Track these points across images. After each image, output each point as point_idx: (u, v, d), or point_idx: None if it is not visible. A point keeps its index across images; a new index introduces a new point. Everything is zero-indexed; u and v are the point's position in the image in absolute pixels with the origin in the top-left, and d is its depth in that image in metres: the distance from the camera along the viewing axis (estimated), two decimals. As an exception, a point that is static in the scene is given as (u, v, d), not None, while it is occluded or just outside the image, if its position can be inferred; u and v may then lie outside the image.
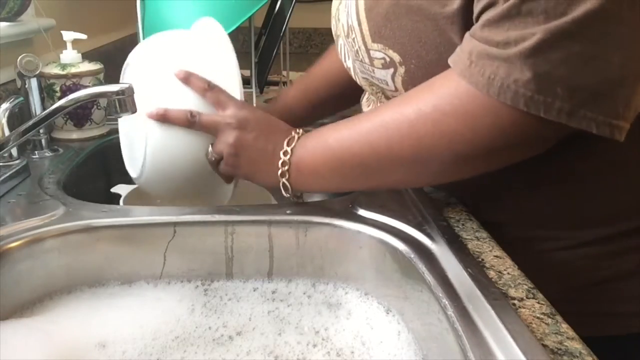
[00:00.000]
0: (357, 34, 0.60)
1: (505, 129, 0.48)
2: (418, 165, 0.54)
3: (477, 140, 0.50)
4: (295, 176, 0.60)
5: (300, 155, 0.59)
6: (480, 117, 0.48)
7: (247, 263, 0.63)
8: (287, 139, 0.60)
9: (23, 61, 0.81)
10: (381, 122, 0.54)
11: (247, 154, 0.61)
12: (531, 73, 0.44)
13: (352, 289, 0.62)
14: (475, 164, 0.53)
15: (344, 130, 0.58)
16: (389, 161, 0.54)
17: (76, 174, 0.82)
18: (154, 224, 0.62)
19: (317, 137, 0.60)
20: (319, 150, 0.59)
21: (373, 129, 0.55)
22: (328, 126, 0.61)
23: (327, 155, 0.58)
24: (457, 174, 0.56)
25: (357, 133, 0.56)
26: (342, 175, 0.58)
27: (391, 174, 0.56)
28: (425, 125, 0.51)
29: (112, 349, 0.53)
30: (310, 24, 2.05)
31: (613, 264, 0.61)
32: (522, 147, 0.52)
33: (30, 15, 1.02)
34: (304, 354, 0.54)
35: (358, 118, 0.59)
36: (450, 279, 0.49)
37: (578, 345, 0.41)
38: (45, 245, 0.59)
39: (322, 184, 0.61)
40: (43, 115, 0.66)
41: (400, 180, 0.59)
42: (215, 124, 0.61)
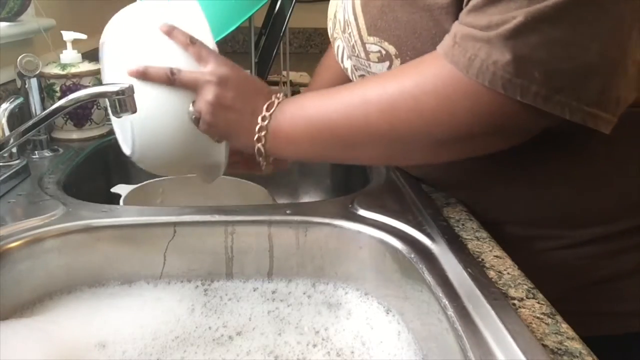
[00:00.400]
0: (354, 28, 0.60)
1: (483, 113, 0.48)
2: (394, 143, 0.54)
3: (455, 124, 0.50)
4: (271, 142, 0.59)
5: (278, 121, 0.58)
6: (460, 100, 0.49)
7: (247, 263, 0.63)
8: (267, 104, 0.59)
9: (23, 61, 0.81)
10: (362, 95, 0.54)
11: (225, 114, 0.59)
12: (511, 55, 0.45)
13: (352, 289, 0.62)
14: (452, 148, 0.53)
15: (324, 100, 0.57)
16: (366, 135, 0.54)
17: (76, 174, 0.81)
18: (154, 224, 0.62)
19: (297, 104, 0.59)
20: (297, 118, 0.58)
21: (353, 101, 0.54)
22: (309, 94, 0.61)
23: (304, 124, 0.57)
24: (434, 156, 0.56)
25: (337, 103, 0.56)
26: (318, 145, 0.58)
27: (367, 149, 0.56)
28: (406, 102, 0.51)
29: (112, 349, 0.53)
30: (310, 24, 2.05)
31: (612, 263, 0.61)
32: (500, 134, 0.52)
33: (30, 15, 1.02)
34: (304, 354, 0.54)
35: (340, 88, 0.58)
36: (450, 279, 0.49)
37: (578, 345, 0.41)
38: (45, 245, 0.59)
39: (298, 152, 0.60)
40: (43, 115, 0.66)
41: (376, 157, 0.59)
42: (195, 80, 0.59)
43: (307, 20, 1.95)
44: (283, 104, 0.59)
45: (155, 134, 0.62)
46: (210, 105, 0.58)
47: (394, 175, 0.73)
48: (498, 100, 0.47)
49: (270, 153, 0.60)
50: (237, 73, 0.60)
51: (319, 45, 2.12)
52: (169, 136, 0.62)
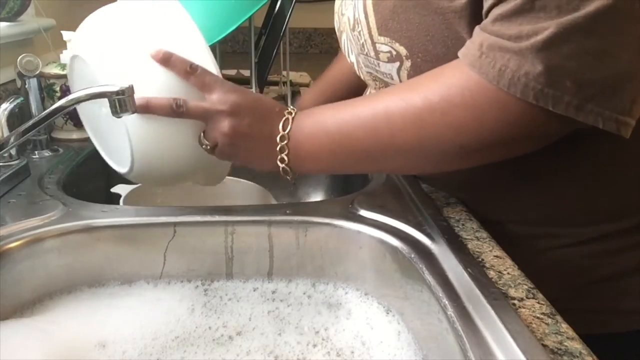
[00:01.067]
0: (364, 27, 0.60)
1: (512, 122, 0.48)
2: (420, 155, 0.54)
3: (483, 133, 0.50)
4: (294, 160, 0.58)
5: (298, 139, 0.57)
6: (489, 110, 0.48)
7: (247, 263, 0.63)
8: (282, 122, 0.58)
9: (23, 61, 0.81)
10: (385, 109, 0.53)
11: (244, 143, 0.58)
12: (542, 66, 0.45)
13: (352, 289, 0.62)
14: (478, 155, 0.53)
15: (343, 115, 0.57)
16: (391, 149, 0.54)
17: (76, 174, 0.81)
18: (154, 224, 0.62)
19: (314, 119, 0.58)
20: (317, 135, 0.57)
21: (375, 116, 0.54)
22: (324, 107, 0.59)
23: (326, 141, 0.57)
24: (459, 164, 0.56)
25: (358, 119, 0.55)
26: (342, 159, 0.57)
27: (391, 161, 0.56)
28: (432, 115, 0.51)
29: (112, 349, 0.53)
30: (310, 24, 2.05)
31: (616, 261, 0.61)
32: (527, 140, 0.52)
33: (30, 15, 1.02)
34: (304, 354, 0.54)
35: (358, 102, 0.57)
36: (450, 279, 0.49)
37: (578, 345, 0.41)
38: (45, 245, 0.59)
39: (320, 167, 0.60)
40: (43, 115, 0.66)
41: (400, 167, 0.60)
42: (205, 112, 0.56)
43: (307, 20, 1.95)
44: (299, 120, 0.58)
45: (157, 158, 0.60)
46: (227, 137, 0.57)
47: (394, 175, 0.73)
48: (529, 110, 0.47)
49: (295, 171, 0.59)
50: (246, 97, 0.58)
51: (319, 45, 2.12)
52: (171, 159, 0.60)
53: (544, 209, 0.61)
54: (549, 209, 0.61)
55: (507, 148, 0.52)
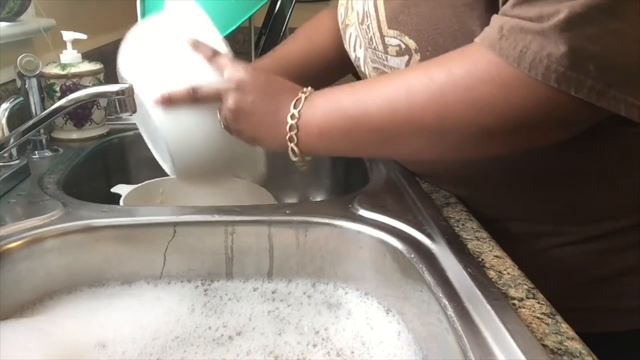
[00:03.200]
0: (373, 20, 0.60)
1: (538, 105, 0.47)
2: (439, 135, 0.51)
3: (508, 114, 0.47)
4: (304, 139, 0.57)
5: (309, 116, 0.56)
6: (515, 89, 0.46)
7: (247, 263, 0.63)
8: (294, 101, 0.57)
9: (23, 61, 0.81)
10: (406, 85, 0.51)
11: (248, 118, 0.58)
12: (566, 47, 0.43)
13: (352, 289, 0.62)
14: (500, 140, 0.51)
15: (361, 91, 0.55)
16: (408, 128, 0.52)
17: (76, 174, 0.81)
18: (154, 224, 0.62)
19: (329, 96, 0.57)
20: (331, 110, 0.55)
21: (395, 91, 0.52)
22: (341, 86, 0.58)
23: (340, 117, 0.55)
24: (479, 149, 0.53)
25: (376, 94, 0.53)
26: (355, 139, 0.55)
27: (407, 142, 0.54)
28: (456, 91, 0.48)
29: (112, 349, 0.53)
30: (310, 24, 2.04)
31: (617, 260, 0.61)
32: (553, 126, 0.50)
33: (30, 15, 1.02)
34: (304, 354, 0.54)
35: (378, 79, 0.56)
36: (450, 279, 0.49)
37: (578, 345, 0.41)
38: (45, 245, 0.59)
39: (332, 147, 0.58)
40: (43, 115, 0.66)
41: (415, 150, 0.56)
42: (217, 91, 0.59)
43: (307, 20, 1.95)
44: (312, 98, 0.57)
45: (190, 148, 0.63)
46: (231, 112, 0.58)
47: (394, 175, 0.73)
48: (552, 93, 0.45)
49: (304, 151, 0.58)
50: (254, 75, 0.60)
51: (319, 45, 2.12)
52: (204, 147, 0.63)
53: (545, 207, 0.61)
54: (550, 206, 0.61)
55: (530, 135, 0.50)
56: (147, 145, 1.01)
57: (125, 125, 1.00)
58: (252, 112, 0.58)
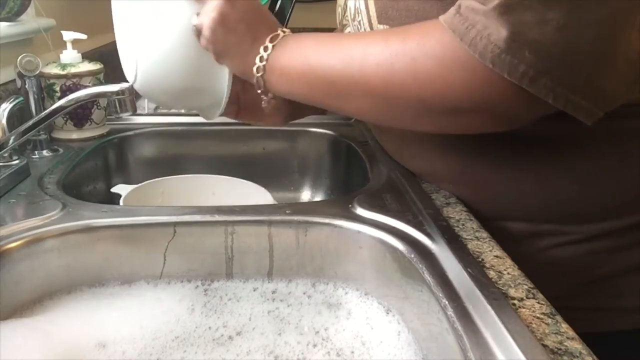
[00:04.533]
0: (364, 16, 0.61)
1: (475, 88, 0.48)
2: (384, 100, 0.53)
3: (447, 93, 0.49)
4: (268, 74, 0.58)
5: (277, 54, 0.58)
6: (457, 70, 0.48)
7: (247, 263, 0.63)
8: (272, 35, 0.59)
9: (23, 61, 0.81)
10: (364, 45, 0.53)
11: (225, 34, 0.58)
12: (505, 30, 0.45)
13: (352, 289, 0.62)
14: (440, 118, 0.53)
15: (326, 42, 0.57)
16: (358, 85, 0.54)
17: (76, 174, 0.82)
18: (154, 224, 0.62)
19: (300, 41, 0.59)
20: (296, 55, 0.57)
21: (354, 49, 0.54)
22: (314, 34, 0.60)
23: (301, 63, 0.57)
24: (422, 123, 0.56)
25: (337, 48, 0.55)
26: (310, 86, 0.57)
27: (357, 100, 0.55)
28: (404, 61, 0.50)
29: (112, 349, 0.53)
30: (310, 24, 2.04)
31: (620, 258, 0.61)
32: (488, 113, 0.51)
33: (30, 15, 1.02)
34: (304, 354, 0.54)
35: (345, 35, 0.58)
36: (450, 279, 0.49)
37: (578, 345, 0.41)
38: (45, 245, 0.59)
39: (291, 90, 0.59)
40: (43, 115, 0.66)
41: (363, 110, 0.58)
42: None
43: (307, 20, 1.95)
44: (286, 38, 0.59)
45: (158, 50, 0.61)
46: (212, 21, 0.57)
47: (394, 175, 0.73)
48: (489, 75, 0.47)
49: (267, 86, 0.59)
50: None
51: (319, 45, 2.12)
52: (172, 52, 0.61)
53: (545, 206, 0.61)
54: (550, 206, 0.61)
55: (468, 117, 0.52)
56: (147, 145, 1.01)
57: (125, 125, 1.00)
58: (234, 29, 0.58)
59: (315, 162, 1.03)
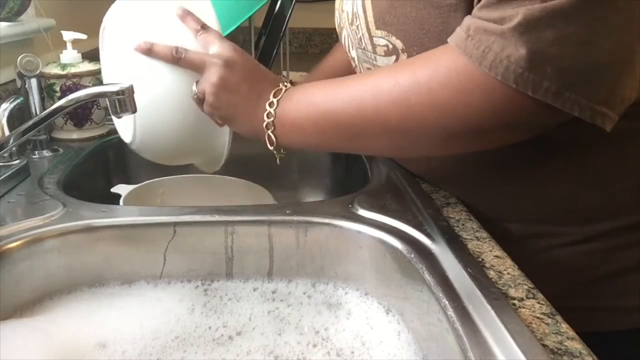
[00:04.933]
0: (362, 21, 0.60)
1: (497, 107, 0.48)
2: (403, 135, 0.54)
3: (468, 117, 0.50)
4: (280, 129, 0.59)
5: (284, 108, 0.58)
6: (475, 93, 0.48)
7: (247, 263, 0.63)
8: (275, 90, 0.59)
9: (23, 61, 0.81)
10: (373, 85, 0.54)
11: (229, 97, 0.59)
12: (524, 50, 0.45)
13: (352, 289, 0.62)
14: (464, 141, 0.53)
15: (333, 88, 0.57)
16: (375, 126, 0.54)
17: (76, 174, 0.81)
18: (154, 224, 0.62)
19: (305, 91, 0.59)
20: (304, 105, 0.58)
21: (363, 90, 0.54)
22: (318, 82, 0.60)
23: (311, 111, 0.57)
24: (444, 148, 0.56)
25: (346, 92, 0.56)
26: (325, 133, 0.57)
27: (375, 139, 0.56)
28: (419, 94, 0.51)
29: (112, 349, 0.53)
30: (310, 24, 2.05)
31: (615, 259, 0.61)
32: (512, 128, 0.52)
33: (30, 15, 1.02)
34: (304, 354, 0.54)
35: (349, 78, 0.58)
36: (450, 279, 0.49)
37: (578, 345, 0.41)
38: (45, 245, 0.59)
39: (305, 140, 0.60)
40: (43, 115, 0.66)
41: (384, 148, 0.59)
42: (201, 61, 0.60)
43: (307, 20, 1.95)
44: (290, 91, 0.59)
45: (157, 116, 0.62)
46: (214, 87, 0.59)
47: (394, 175, 0.73)
48: (511, 94, 0.47)
49: (279, 141, 0.60)
50: (244, 58, 0.61)
51: (319, 45, 2.12)
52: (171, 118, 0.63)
53: (544, 208, 0.61)
54: (549, 207, 0.61)
55: (492, 135, 0.52)
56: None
57: (125, 125, 1.00)
58: (236, 91, 0.59)
59: (315, 162, 1.03)
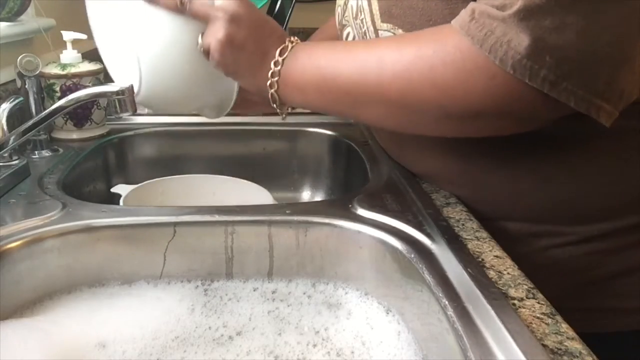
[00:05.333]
0: (367, 15, 0.60)
1: (496, 93, 0.48)
2: (402, 109, 0.53)
3: (467, 99, 0.49)
4: (282, 88, 0.58)
5: (288, 68, 0.57)
6: (476, 75, 0.48)
7: (247, 263, 0.63)
8: (280, 48, 0.58)
9: (23, 61, 0.81)
10: (378, 56, 0.53)
11: (234, 54, 0.57)
12: (524, 36, 0.45)
13: (352, 289, 0.62)
14: (459, 124, 0.53)
15: (338, 53, 0.56)
16: (375, 96, 0.54)
17: (76, 174, 0.81)
18: (154, 224, 0.62)
19: (310, 52, 0.58)
20: (308, 66, 0.57)
21: (368, 60, 0.54)
22: (324, 43, 0.59)
23: (315, 74, 0.56)
24: (439, 129, 0.56)
25: (350, 59, 0.55)
26: (326, 97, 0.57)
27: (374, 109, 0.55)
28: (422, 70, 0.50)
29: (112, 349, 0.53)
30: (310, 24, 2.04)
31: (619, 259, 0.61)
32: (509, 117, 0.51)
33: (30, 15, 1.02)
34: (304, 354, 0.54)
35: (355, 44, 0.58)
36: (450, 279, 0.49)
37: (578, 345, 0.41)
38: (45, 245, 0.59)
39: (306, 101, 0.59)
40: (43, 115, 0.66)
41: (381, 119, 0.58)
42: (206, 13, 0.57)
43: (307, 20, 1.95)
44: (296, 50, 0.58)
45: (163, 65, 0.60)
46: (220, 44, 0.57)
47: (394, 175, 0.73)
48: (509, 81, 0.47)
49: (282, 99, 0.59)
50: (250, 11, 0.58)
51: (319, 45, 2.12)
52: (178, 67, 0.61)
53: (545, 206, 0.61)
54: (550, 206, 0.61)
55: (488, 121, 0.52)
56: (147, 145, 1.01)
57: (125, 125, 1.00)
58: (242, 48, 0.57)
59: (315, 162, 1.03)
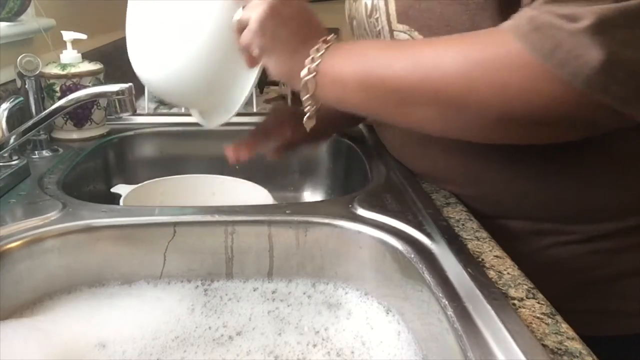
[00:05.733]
0: (382, 14, 0.59)
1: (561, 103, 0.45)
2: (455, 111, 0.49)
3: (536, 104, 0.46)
4: (320, 79, 0.53)
5: (330, 57, 0.53)
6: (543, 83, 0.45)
7: (247, 263, 0.63)
8: (323, 39, 0.54)
9: (23, 61, 0.81)
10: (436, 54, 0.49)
11: (275, 28, 0.54)
12: (597, 51, 0.42)
13: (352, 289, 0.62)
14: (515, 130, 0.49)
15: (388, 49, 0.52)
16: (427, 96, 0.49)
17: (76, 174, 0.82)
18: (154, 224, 0.62)
19: (354, 45, 0.55)
20: (354, 58, 0.52)
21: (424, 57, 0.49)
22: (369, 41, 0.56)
23: (360, 66, 0.52)
24: (495, 134, 0.51)
25: (403, 55, 0.50)
26: (368, 94, 0.52)
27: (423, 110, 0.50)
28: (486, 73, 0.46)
29: (112, 349, 0.53)
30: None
31: (622, 260, 0.61)
32: (571, 127, 0.49)
33: (30, 15, 1.02)
34: (304, 354, 0.54)
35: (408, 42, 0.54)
36: (450, 279, 0.49)
37: (578, 345, 0.41)
38: (45, 245, 0.59)
39: (344, 97, 0.54)
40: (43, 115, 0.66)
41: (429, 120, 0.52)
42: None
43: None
44: (339, 43, 0.55)
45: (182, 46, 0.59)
46: (263, 13, 0.53)
47: (394, 175, 0.73)
48: (577, 95, 0.44)
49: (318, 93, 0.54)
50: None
51: (319, 45, 2.12)
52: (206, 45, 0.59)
53: (548, 206, 0.61)
54: (553, 205, 0.61)
55: (546, 130, 0.49)
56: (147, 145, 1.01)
57: (125, 125, 1.00)
58: (284, 24, 0.54)
59: (315, 162, 1.03)
